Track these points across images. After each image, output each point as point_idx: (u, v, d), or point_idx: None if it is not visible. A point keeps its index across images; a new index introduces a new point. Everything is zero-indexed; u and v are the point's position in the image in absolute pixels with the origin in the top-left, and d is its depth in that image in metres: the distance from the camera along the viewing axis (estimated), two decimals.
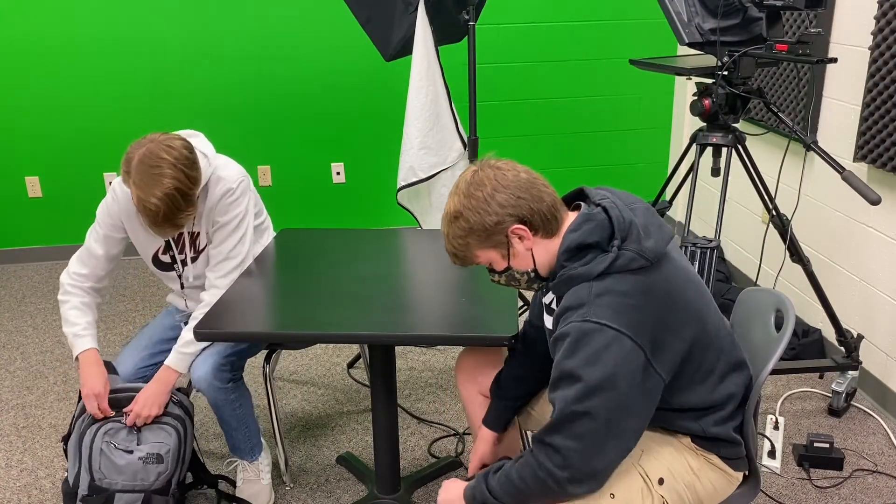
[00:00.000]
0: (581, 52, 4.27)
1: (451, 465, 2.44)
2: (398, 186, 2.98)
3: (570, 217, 1.51)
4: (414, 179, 2.94)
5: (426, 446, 2.58)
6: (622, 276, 1.40)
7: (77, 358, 2.07)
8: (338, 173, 4.33)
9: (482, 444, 1.81)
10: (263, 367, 2.32)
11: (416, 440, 2.61)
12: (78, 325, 2.09)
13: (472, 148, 2.94)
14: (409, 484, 2.29)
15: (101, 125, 4.07)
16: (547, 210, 1.46)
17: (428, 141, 2.90)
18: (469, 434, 2.58)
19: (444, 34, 2.95)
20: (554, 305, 1.55)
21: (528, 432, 2.01)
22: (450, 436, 2.63)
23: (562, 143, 4.43)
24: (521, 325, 1.77)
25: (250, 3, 3.96)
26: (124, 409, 2.03)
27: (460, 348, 3.18)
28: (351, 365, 3.12)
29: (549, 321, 1.59)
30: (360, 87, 4.17)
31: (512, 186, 1.45)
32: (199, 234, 2.13)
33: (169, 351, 2.18)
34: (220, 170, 2.07)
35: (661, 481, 1.51)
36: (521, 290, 1.59)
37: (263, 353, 2.34)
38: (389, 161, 4.24)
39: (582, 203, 1.54)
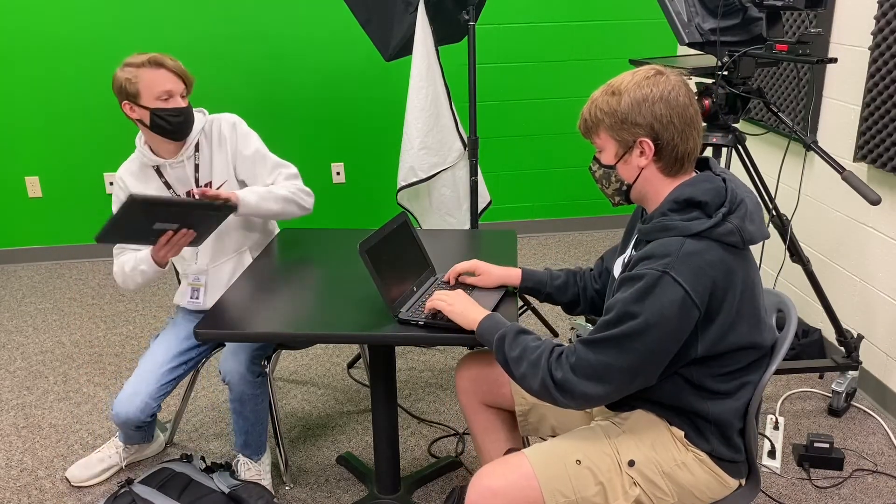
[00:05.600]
0: (581, 52, 4.27)
1: (451, 465, 2.44)
2: (398, 186, 2.98)
3: (691, 175, 1.52)
4: (414, 179, 2.94)
5: (426, 446, 2.58)
6: (715, 245, 1.41)
7: (155, 262, 2.09)
8: (338, 173, 4.33)
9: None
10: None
11: (416, 440, 2.61)
12: (135, 257, 2.15)
13: (472, 148, 2.94)
14: (409, 484, 2.29)
15: (100, 125, 4.07)
16: (682, 152, 1.47)
17: (428, 141, 2.90)
18: (469, 434, 2.57)
19: (444, 34, 2.96)
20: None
21: (528, 437, 2.02)
22: (450, 436, 2.63)
23: (561, 143, 4.43)
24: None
25: (250, 3, 3.96)
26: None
27: (460, 348, 3.18)
28: (351, 365, 3.12)
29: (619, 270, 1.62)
30: (360, 87, 4.17)
31: (676, 110, 1.45)
32: (209, 183, 2.22)
33: (186, 363, 2.23)
34: (214, 115, 2.27)
35: (630, 463, 1.51)
36: (605, 193, 1.59)
37: None
38: (389, 161, 4.24)
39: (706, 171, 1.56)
